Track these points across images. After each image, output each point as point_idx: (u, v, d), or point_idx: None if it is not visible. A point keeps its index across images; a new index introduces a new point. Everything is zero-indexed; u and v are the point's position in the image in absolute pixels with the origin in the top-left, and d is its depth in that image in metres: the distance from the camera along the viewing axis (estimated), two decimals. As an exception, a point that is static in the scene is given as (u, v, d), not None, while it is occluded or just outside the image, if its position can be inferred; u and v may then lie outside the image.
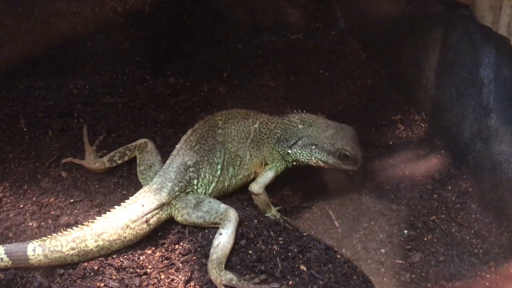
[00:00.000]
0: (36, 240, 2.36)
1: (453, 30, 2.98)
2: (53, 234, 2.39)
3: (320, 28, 4.19)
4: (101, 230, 2.41)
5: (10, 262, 2.32)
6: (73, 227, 2.43)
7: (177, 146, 2.74)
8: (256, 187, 2.76)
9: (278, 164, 2.86)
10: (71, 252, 2.36)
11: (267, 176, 2.81)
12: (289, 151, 2.82)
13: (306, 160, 2.81)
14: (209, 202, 2.59)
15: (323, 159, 2.79)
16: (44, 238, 2.37)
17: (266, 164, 2.87)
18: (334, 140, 2.77)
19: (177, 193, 2.60)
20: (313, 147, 2.78)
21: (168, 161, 2.71)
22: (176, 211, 2.60)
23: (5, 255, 2.31)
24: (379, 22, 3.78)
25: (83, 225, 2.43)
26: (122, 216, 2.46)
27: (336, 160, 2.78)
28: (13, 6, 3.55)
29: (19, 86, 3.38)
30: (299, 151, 2.80)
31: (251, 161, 2.83)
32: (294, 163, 2.87)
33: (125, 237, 2.46)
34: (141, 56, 3.70)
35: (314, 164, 2.82)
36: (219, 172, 2.74)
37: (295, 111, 2.96)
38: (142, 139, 2.95)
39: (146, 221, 2.50)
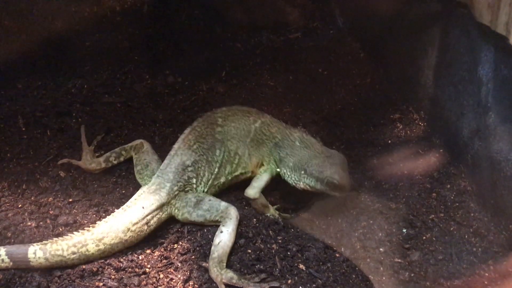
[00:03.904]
0: (37, 243, 2.35)
1: (451, 29, 2.98)
2: (54, 238, 2.39)
3: (319, 27, 4.19)
4: (102, 235, 2.40)
5: (11, 263, 2.32)
6: (74, 232, 2.42)
7: (175, 146, 2.73)
8: (252, 192, 2.75)
9: (273, 166, 2.87)
10: (72, 256, 2.36)
11: (262, 179, 2.81)
12: (278, 170, 2.82)
13: (294, 184, 2.80)
14: (209, 200, 2.59)
15: (310, 185, 2.75)
16: (45, 242, 2.36)
17: (262, 165, 2.87)
18: (323, 168, 2.71)
19: (176, 193, 2.60)
20: (302, 172, 2.75)
21: (166, 161, 2.70)
22: (176, 210, 2.60)
23: (6, 256, 2.31)
24: (378, 21, 3.78)
25: (84, 229, 2.42)
26: (123, 220, 2.46)
27: (323, 187, 2.73)
28: (11, 5, 3.54)
29: (17, 86, 3.37)
30: (289, 173, 2.79)
31: (249, 159, 2.83)
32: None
33: (126, 240, 2.45)
34: (140, 55, 3.70)
35: (301, 188, 2.79)
36: (216, 170, 2.74)
37: (298, 127, 2.98)
38: (138, 140, 2.95)
39: (147, 223, 2.50)
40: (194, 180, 2.67)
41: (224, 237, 2.42)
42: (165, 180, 2.62)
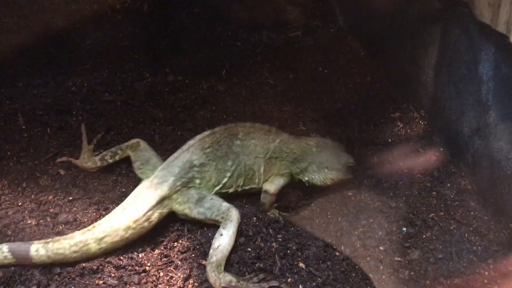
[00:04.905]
0: (39, 241, 2.35)
1: (451, 28, 2.98)
2: (55, 237, 2.39)
3: (319, 25, 4.19)
4: (103, 234, 2.40)
5: (14, 260, 2.33)
6: (76, 230, 2.42)
7: (190, 142, 2.73)
8: (273, 188, 2.81)
9: (287, 176, 2.92)
10: (74, 254, 2.37)
11: (280, 181, 2.88)
12: (306, 178, 2.91)
13: (321, 183, 2.91)
14: (211, 199, 2.59)
15: (334, 177, 2.91)
16: (47, 240, 2.36)
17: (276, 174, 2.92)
18: (339, 158, 2.94)
19: (178, 188, 2.60)
20: (326, 169, 2.90)
21: (175, 154, 2.70)
22: (177, 205, 2.60)
23: (9, 253, 2.32)
24: (378, 20, 3.78)
25: (85, 229, 2.42)
26: (123, 218, 2.45)
27: (344, 174, 2.93)
28: (11, 3, 3.54)
29: (17, 84, 3.37)
30: (316, 176, 2.91)
31: (263, 175, 2.85)
32: (305, 182, 2.94)
33: (127, 237, 2.46)
34: (140, 53, 3.70)
35: (327, 184, 2.92)
36: (226, 180, 2.74)
37: (312, 134, 3.11)
38: (134, 139, 2.94)
39: (147, 219, 2.50)
40: (198, 181, 2.67)
41: (224, 241, 2.41)
42: (169, 173, 2.62)
